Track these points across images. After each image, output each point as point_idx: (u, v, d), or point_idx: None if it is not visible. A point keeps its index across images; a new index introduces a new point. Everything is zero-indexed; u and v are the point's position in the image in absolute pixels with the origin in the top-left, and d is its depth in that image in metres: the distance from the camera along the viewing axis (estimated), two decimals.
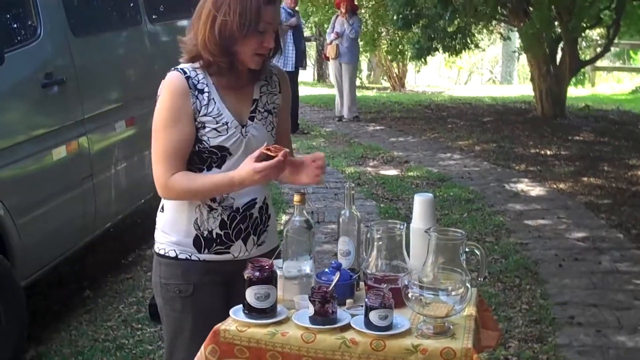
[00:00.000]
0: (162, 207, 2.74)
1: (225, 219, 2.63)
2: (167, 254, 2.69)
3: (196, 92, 2.55)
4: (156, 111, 2.59)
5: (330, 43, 12.37)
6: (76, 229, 4.88)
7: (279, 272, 2.39)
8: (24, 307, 4.17)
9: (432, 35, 11.08)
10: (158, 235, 2.74)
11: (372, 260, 2.44)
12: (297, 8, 11.62)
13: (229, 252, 2.66)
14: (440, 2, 9.81)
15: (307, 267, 2.45)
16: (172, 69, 2.61)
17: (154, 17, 6.12)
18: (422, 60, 11.77)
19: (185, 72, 2.57)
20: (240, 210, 2.64)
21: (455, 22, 11.16)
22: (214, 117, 2.56)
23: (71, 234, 4.85)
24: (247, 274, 2.31)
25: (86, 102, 4.89)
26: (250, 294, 2.29)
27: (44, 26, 4.52)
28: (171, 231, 2.69)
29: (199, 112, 2.55)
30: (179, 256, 2.67)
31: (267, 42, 2.53)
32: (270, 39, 2.54)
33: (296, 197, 2.46)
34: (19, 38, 4.46)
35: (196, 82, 2.57)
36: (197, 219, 2.63)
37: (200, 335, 2.42)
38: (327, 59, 13.01)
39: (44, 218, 4.44)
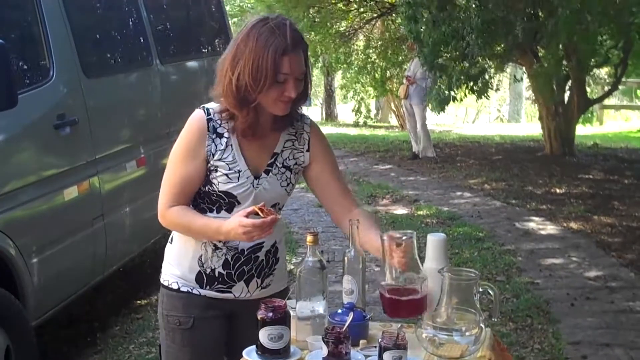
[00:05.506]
0: (171, 239, 2.76)
1: (229, 259, 2.63)
2: (170, 286, 2.71)
3: (214, 136, 2.53)
4: (175, 143, 2.59)
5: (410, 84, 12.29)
6: (87, 269, 4.88)
7: (292, 313, 2.39)
8: (35, 347, 4.15)
9: (451, 84, 11.07)
10: (165, 266, 2.76)
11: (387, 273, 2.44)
12: None
13: (230, 292, 2.66)
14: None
15: (320, 307, 2.44)
16: (200, 106, 2.59)
17: (165, 57, 6.17)
18: (442, 109, 11.78)
19: (209, 114, 2.54)
20: (245, 252, 2.63)
21: (477, 65, 11.18)
22: (227, 164, 2.53)
23: (82, 274, 4.85)
24: (260, 314, 2.30)
25: (98, 143, 4.92)
26: (264, 335, 2.28)
27: (57, 68, 4.57)
28: (176, 264, 2.70)
29: (214, 156, 2.53)
30: (181, 289, 2.68)
31: (288, 92, 2.42)
32: (292, 88, 2.42)
33: (309, 238, 2.46)
34: (31, 79, 4.49)
35: (217, 126, 2.53)
36: (201, 255, 2.64)
37: None
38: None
39: (55, 258, 4.44)
